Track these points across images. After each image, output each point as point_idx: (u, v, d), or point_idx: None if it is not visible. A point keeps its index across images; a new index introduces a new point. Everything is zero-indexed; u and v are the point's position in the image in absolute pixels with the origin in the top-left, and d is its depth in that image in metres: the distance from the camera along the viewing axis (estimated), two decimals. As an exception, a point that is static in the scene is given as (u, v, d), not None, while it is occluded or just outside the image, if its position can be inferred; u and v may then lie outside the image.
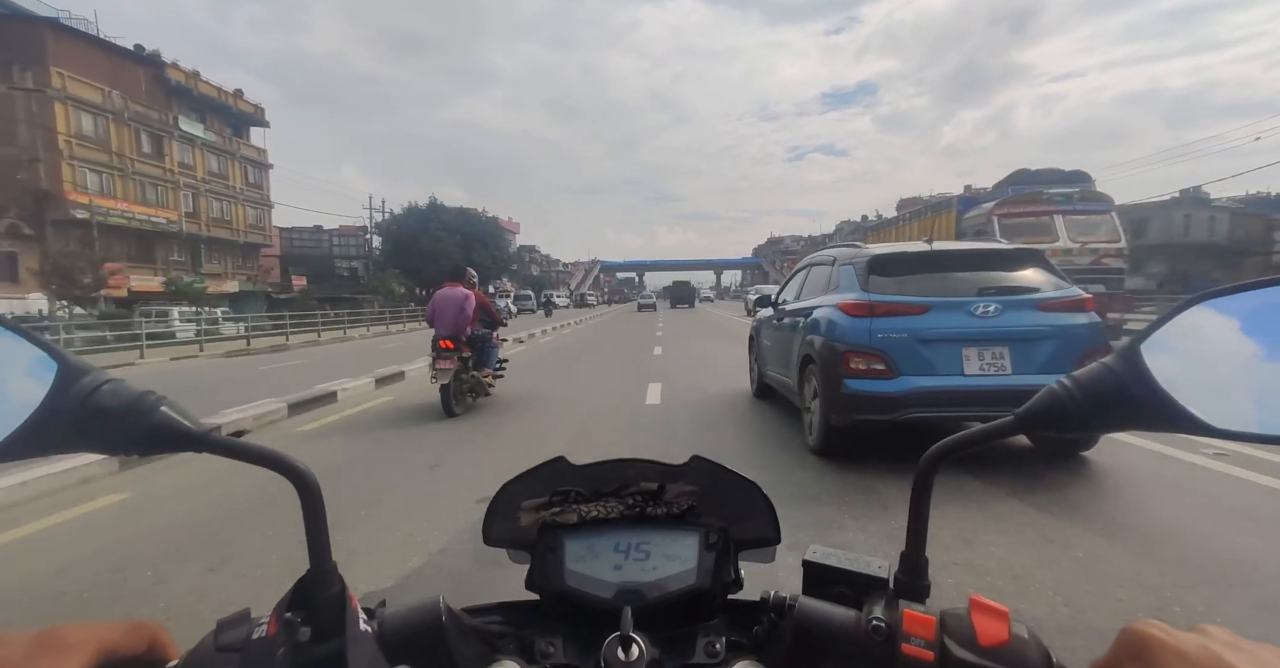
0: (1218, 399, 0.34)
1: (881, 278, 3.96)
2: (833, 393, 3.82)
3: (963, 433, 0.43)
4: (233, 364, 12.96)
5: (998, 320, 3.61)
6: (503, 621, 0.50)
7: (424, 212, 40.40)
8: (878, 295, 3.82)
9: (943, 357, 3.62)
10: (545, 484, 0.54)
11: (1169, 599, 2.15)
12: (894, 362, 3.64)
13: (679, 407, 6.06)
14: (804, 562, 0.48)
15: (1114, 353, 0.37)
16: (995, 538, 2.69)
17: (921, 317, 3.70)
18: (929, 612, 0.40)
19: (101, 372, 0.37)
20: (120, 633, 0.34)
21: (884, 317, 3.74)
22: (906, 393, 3.59)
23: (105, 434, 0.36)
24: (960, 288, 3.81)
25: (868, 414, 3.69)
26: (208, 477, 4.11)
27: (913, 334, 3.65)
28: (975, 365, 3.58)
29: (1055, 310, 3.65)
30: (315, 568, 0.41)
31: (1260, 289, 0.34)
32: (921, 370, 3.62)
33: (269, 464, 0.41)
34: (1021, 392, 2.14)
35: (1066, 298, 3.70)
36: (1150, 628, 0.30)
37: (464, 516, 3.17)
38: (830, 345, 3.90)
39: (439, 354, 5.76)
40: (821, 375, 3.96)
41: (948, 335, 3.63)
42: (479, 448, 4.79)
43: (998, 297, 3.70)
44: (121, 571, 2.69)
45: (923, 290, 3.83)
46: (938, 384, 3.59)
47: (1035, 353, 3.57)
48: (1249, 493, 3.22)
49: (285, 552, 2.76)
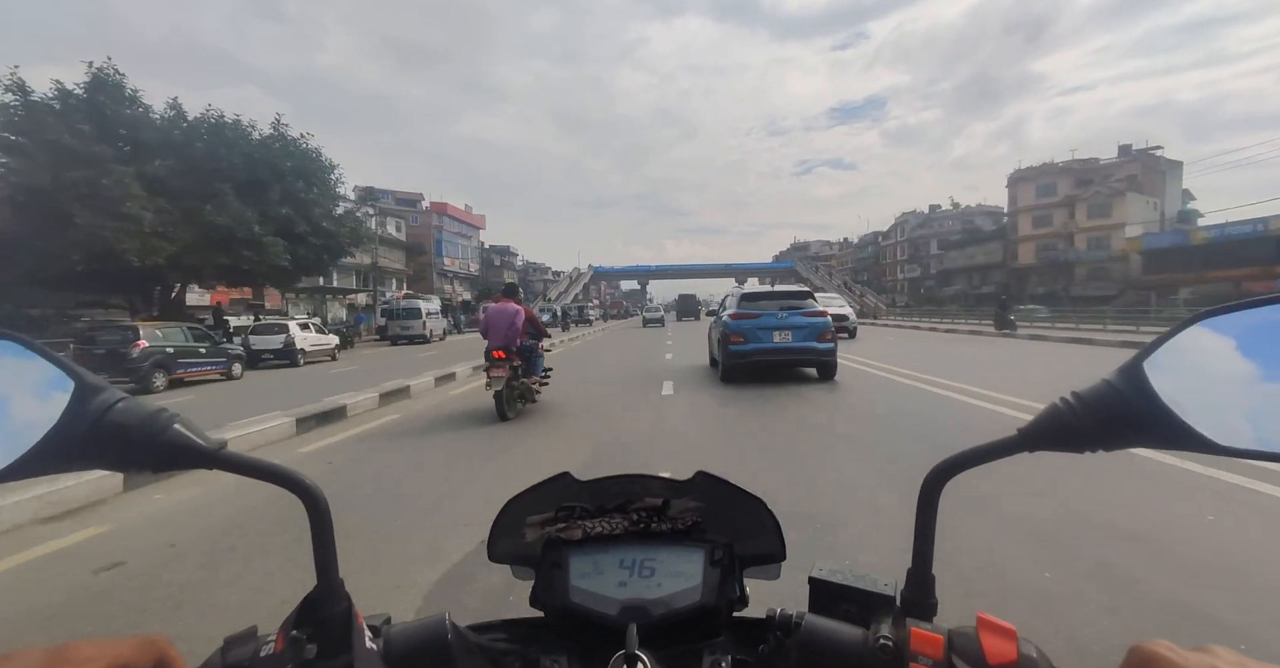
0: (1219, 416, 0.34)
1: (747, 302, 9.09)
2: (725, 352, 8.92)
3: (967, 450, 0.43)
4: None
5: (788, 319, 8.69)
6: (508, 638, 0.51)
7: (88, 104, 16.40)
8: (742, 310, 8.94)
9: (766, 335, 8.69)
10: (550, 500, 0.53)
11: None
12: (747, 338, 8.72)
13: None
14: (810, 579, 0.48)
15: (1117, 370, 0.38)
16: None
17: (759, 318, 8.77)
18: (936, 630, 0.40)
19: (116, 390, 0.37)
20: (130, 649, 0.34)
21: (744, 319, 8.83)
22: (752, 351, 8.67)
23: (119, 452, 0.37)
24: (775, 305, 8.92)
25: (738, 361, 8.78)
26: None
27: (754, 325, 8.73)
28: (778, 339, 8.65)
29: (810, 316, 8.73)
30: (322, 584, 0.42)
31: (1257, 308, 0.35)
32: (758, 342, 8.69)
33: (278, 481, 0.41)
34: (797, 349, 8.78)
35: (816, 310, 8.81)
36: (1158, 648, 0.30)
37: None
38: (725, 331, 8.99)
39: (492, 364, 6.31)
40: (721, 345, 9.09)
41: (767, 326, 8.70)
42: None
43: (788, 309, 8.79)
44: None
45: (761, 307, 8.92)
46: (764, 347, 8.65)
47: (802, 333, 8.63)
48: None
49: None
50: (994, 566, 2.53)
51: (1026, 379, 8.58)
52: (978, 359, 12.15)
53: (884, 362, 11.24)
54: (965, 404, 6.59)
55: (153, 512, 3.86)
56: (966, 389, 7.49)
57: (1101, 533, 2.87)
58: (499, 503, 0.54)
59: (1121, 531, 2.88)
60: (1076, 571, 2.47)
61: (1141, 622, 2.05)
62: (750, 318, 8.80)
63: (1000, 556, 2.62)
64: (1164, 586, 2.31)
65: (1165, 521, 3.02)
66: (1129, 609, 2.14)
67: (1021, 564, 2.54)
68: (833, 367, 8.81)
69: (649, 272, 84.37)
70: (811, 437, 5.26)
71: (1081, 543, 2.76)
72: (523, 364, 6.67)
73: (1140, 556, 2.59)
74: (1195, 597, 2.22)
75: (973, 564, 2.52)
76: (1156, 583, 2.33)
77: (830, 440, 5.10)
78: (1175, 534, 2.84)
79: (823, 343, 8.58)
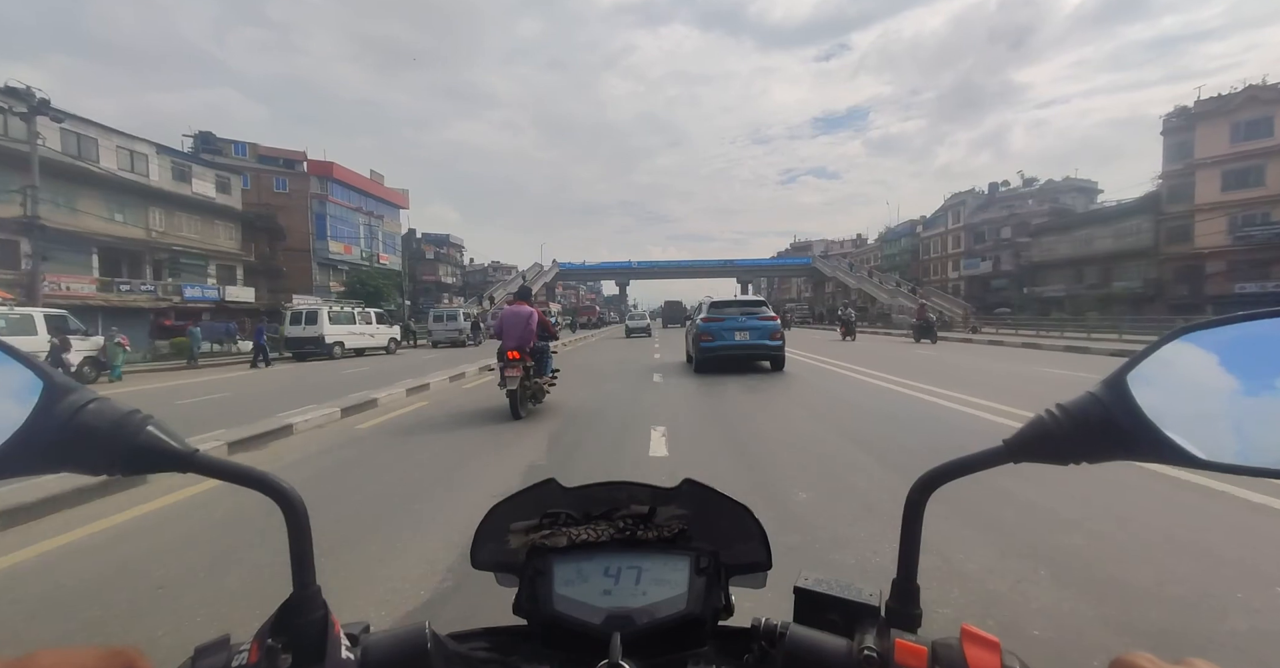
0: (1201, 431, 0.34)
1: (714, 308, 11.35)
2: (697, 348, 11.14)
3: (953, 461, 0.43)
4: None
5: (747, 321, 10.95)
6: (489, 647, 0.50)
7: None
8: (711, 315, 11.18)
9: (729, 335, 10.90)
10: (535, 506, 0.53)
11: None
12: (715, 337, 10.92)
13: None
14: (795, 589, 0.48)
15: (1101, 383, 0.38)
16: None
17: (724, 320, 11.00)
18: (921, 641, 0.40)
19: (88, 391, 0.36)
20: (97, 659, 0.33)
21: (713, 322, 11.06)
22: (718, 347, 10.88)
23: (90, 454, 0.36)
24: (737, 311, 11.18)
25: (708, 355, 10.97)
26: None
27: (720, 327, 10.96)
28: (739, 338, 10.88)
29: (764, 319, 11.01)
30: (298, 592, 0.40)
31: (1238, 324, 0.35)
32: (723, 340, 10.89)
33: (253, 485, 0.40)
34: (754, 346, 11.31)
35: (768, 315, 11.12)
36: (1139, 660, 0.30)
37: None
38: (697, 332, 11.21)
39: (506, 364, 6.46)
40: (694, 342, 11.35)
41: (730, 328, 10.92)
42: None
43: (747, 313, 11.07)
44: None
45: (726, 313, 11.17)
46: (728, 344, 10.86)
47: (758, 333, 10.87)
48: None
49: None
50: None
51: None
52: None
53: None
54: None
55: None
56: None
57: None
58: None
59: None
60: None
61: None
62: (717, 321, 11.02)
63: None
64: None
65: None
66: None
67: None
68: (781, 360, 11.08)
69: (628, 269, 65.44)
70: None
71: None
72: (535, 365, 6.86)
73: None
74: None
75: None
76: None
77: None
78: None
79: (773, 341, 10.82)
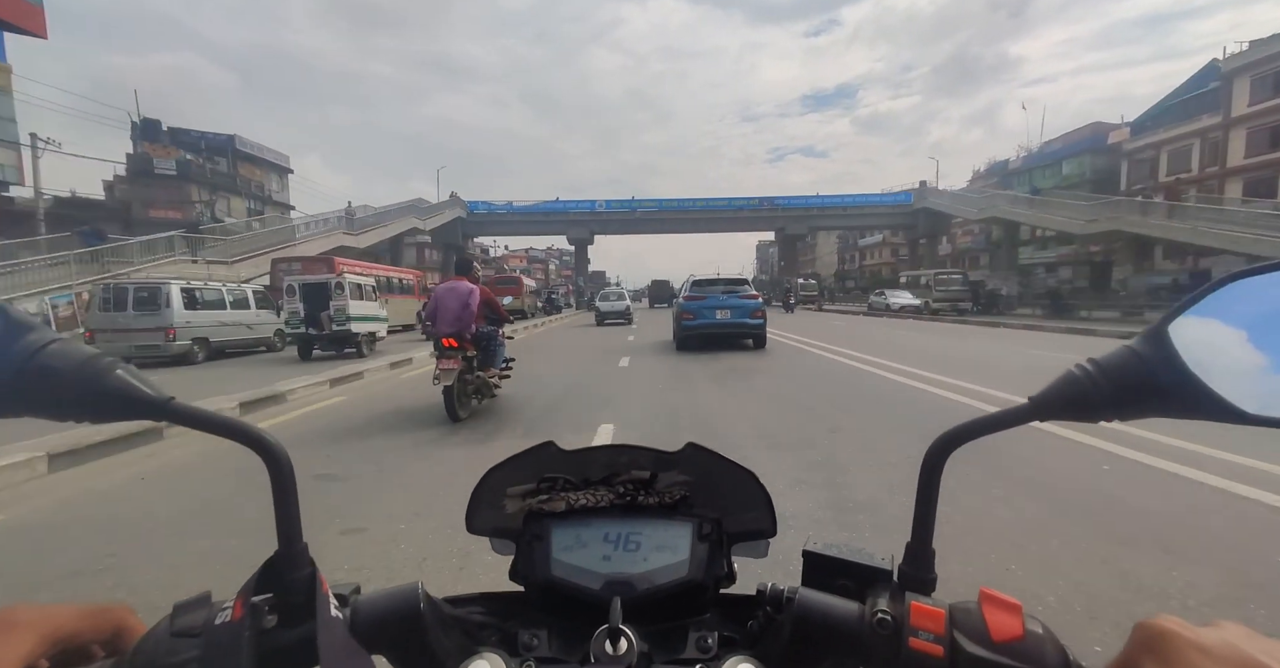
0: (1250, 384, 0.32)
1: (696, 287, 11.49)
2: (679, 326, 11.35)
3: (975, 419, 0.40)
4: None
5: (728, 300, 11.12)
6: (485, 611, 0.49)
7: None
8: (692, 293, 11.35)
9: (711, 313, 11.10)
10: (533, 470, 0.52)
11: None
12: (696, 315, 11.12)
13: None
14: (804, 552, 0.46)
15: (1139, 335, 0.36)
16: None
17: (706, 300, 11.18)
18: (938, 604, 0.38)
19: (49, 330, 0.34)
20: (81, 616, 0.32)
21: (694, 301, 11.23)
22: (700, 325, 11.09)
23: (52, 397, 0.34)
24: (718, 290, 11.34)
25: (690, 333, 11.19)
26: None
27: (702, 305, 11.14)
28: (720, 316, 11.08)
29: (745, 298, 11.19)
30: (284, 549, 0.39)
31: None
32: (704, 318, 11.10)
33: (235, 436, 0.38)
34: (735, 324, 11.42)
35: (750, 293, 11.29)
36: (1168, 624, 0.29)
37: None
38: (680, 310, 11.40)
39: (442, 353, 5.47)
40: (677, 321, 11.55)
41: (712, 306, 11.12)
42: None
43: (729, 292, 11.24)
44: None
45: (708, 292, 11.33)
46: (709, 322, 11.08)
47: (739, 312, 11.07)
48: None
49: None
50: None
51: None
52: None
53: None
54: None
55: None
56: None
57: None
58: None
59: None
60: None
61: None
62: (699, 300, 11.19)
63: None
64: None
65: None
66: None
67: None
68: (763, 338, 11.29)
69: (592, 215, 44.09)
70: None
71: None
72: (479, 354, 5.83)
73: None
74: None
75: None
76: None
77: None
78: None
79: (754, 319, 11.01)
